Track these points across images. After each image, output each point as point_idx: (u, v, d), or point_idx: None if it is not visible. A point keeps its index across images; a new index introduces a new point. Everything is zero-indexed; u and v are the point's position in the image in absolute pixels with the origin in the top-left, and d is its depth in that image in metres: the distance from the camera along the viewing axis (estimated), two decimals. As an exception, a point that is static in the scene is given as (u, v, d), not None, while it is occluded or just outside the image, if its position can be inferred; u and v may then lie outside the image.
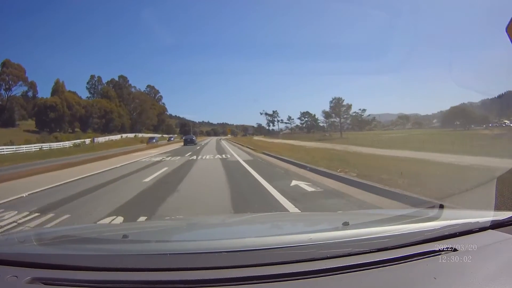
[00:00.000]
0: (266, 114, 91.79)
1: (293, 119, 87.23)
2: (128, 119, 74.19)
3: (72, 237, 1.59)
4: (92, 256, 1.20)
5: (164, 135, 74.98)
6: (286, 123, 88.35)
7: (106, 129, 65.45)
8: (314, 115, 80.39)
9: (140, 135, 67.56)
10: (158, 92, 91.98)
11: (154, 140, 51.94)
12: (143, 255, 1.20)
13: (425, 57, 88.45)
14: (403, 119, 70.79)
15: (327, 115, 60.85)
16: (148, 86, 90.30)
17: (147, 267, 1.07)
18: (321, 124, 77.63)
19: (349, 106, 58.64)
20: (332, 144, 26.19)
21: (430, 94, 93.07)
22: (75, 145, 41.59)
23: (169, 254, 1.14)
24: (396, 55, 55.66)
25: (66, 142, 43.85)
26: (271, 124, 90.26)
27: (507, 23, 1.55)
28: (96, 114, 64.40)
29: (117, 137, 58.83)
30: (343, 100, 58.78)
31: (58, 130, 55.33)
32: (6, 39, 68.16)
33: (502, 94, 41.13)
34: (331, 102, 59.35)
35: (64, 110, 56.18)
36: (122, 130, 68.90)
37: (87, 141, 46.62)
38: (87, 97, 71.83)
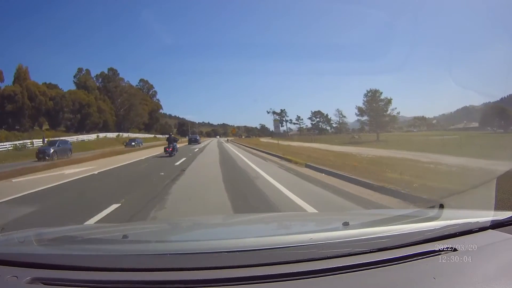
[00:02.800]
0: (274, 113, 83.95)
1: (302, 119, 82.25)
2: (113, 115, 62.00)
3: (72, 237, 1.57)
4: (92, 256, 1.19)
5: (157, 135, 67.09)
6: (294, 123, 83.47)
7: (82, 127, 53.05)
8: (327, 114, 76.00)
9: (125, 134, 56.48)
10: (152, 87, 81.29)
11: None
12: (143, 255, 1.19)
13: (425, 58, 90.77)
14: (421, 120, 67.97)
15: (361, 111, 48.26)
16: (141, 80, 79.32)
17: (147, 267, 1.07)
18: (334, 125, 73.71)
19: (388, 101, 46.44)
20: (388, 150, 18.21)
21: (430, 96, 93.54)
22: (16, 148, 30.60)
23: (169, 254, 1.14)
24: (396, 55, 56.29)
25: (7, 143, 32.09)
26: (279, 124, 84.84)
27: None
28: (68, 108, 50.71)
29: (91, 137, 46.82)
30: (381, 93, 46.76)
31: (17, 126, 43.31)
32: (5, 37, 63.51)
33: (505, 96, 41.01)
34: (365, 95, 47.30)
35: (24, 102, 43.20)
36: (104, 128, 56.37)
37: (38, 142, 33.00)
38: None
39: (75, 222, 4.41)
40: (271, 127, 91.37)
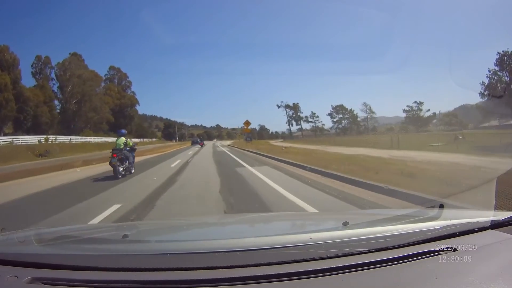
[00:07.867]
0: (286, 106, 69.96)
1: (317, 116, 68.85)
2: (53, 109, 44.54)
3: (72, 237, 1.57)
4: (92, 256, 1.19)
5: (132, 140, 45.64)
6: (309, 121, 70.87)
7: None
8: (352, 109, 61.83)
9: (62, 138, 36.85)
10: (126, 76, 61.80)
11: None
12: (143, 255, 1.19)
13: (424, 57, 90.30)
14: (450, 118, 60.22)
15: (492, 90, 26.22)
16: (112, 67, 60.80)
17: (147, 267, 1.07)
18: (362, 123, 61.18)
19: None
20: None
21: (429, 95, 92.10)
22: None
23: (169, 254, 1.13)
24: (396, 55, 55.37)
25: None
26: (294, 123, 69.49)
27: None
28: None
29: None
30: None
31: None
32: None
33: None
34: (497, 61, 26.53)
35: None
36: (35, 128, 38.68)
37: None
38: (35, 85, 43.87)
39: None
40: (272, 127, 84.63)
